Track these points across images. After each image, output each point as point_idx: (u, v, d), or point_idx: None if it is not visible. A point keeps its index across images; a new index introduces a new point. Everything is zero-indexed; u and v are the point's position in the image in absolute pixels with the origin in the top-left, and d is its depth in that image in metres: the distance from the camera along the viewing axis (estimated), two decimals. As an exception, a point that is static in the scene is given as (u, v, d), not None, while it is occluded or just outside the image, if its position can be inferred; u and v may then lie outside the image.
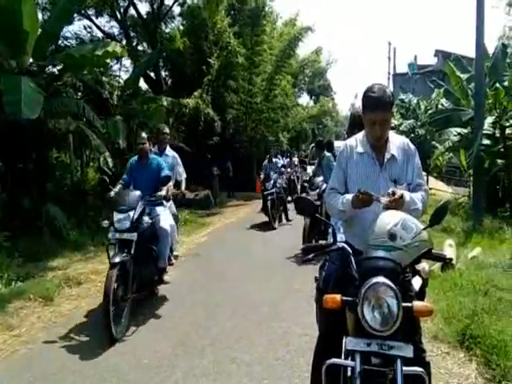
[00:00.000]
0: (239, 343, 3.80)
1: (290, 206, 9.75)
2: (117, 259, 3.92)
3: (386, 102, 2.23)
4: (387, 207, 2.11)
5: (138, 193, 4.35)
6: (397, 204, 2.10)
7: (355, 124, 2.93)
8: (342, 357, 2.09)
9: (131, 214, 4.12)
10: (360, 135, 2.44)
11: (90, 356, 3.52)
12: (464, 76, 10.61)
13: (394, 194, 2.12)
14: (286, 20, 20.13)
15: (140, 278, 4.31)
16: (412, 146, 2.42)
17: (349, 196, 2.27)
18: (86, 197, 8.41)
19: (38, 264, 5.91)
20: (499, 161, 9.63)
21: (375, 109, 2.23)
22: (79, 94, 9.55)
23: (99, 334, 3.84)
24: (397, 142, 2.38)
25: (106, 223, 4.22)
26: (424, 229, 2.00)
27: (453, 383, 3.16)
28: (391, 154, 2.33)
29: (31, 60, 7.24)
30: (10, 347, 3.69)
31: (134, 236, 4.10)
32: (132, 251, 4.08)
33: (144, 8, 18.41)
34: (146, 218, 4.48)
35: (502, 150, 9.26)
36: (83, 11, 14.54)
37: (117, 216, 4.12)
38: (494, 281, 4.69)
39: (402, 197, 2.12)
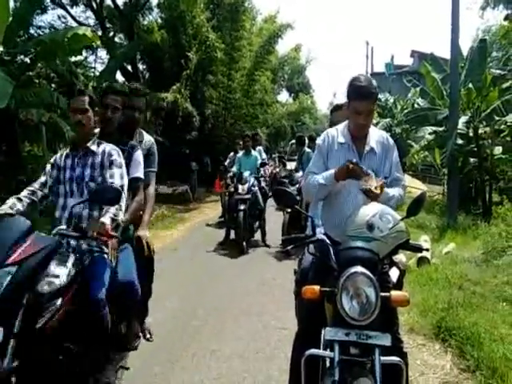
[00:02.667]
0: (219, 337, 3.78)
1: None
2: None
3: (372, 92, 2.26)
4: (366, 193, 2.12)
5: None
6: (376, 194, 2.10)
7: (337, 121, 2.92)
8: (321, 348, 2.09)
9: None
10: (341, 126, 2.45)
11: None
12: (439, 76, 10.85)
13: (369, 190, 2.11)
14: (266, 16, 20.08)
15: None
16: (391, 141, 2.45)
17: (331, 170, 2.28)
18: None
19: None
20: (472, 159, 9.90)
21: (361, 98, 2.24)
22: (53, 85, 9.27)
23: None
24: (376, 136, 2.40)
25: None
26: (401, 219, 2.02)
27: (428, 374, 3.22)
28: (370, 146, 2.35)
29: (1, 48, 6.98)
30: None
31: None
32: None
33: (121, -1, 17.99)
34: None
35: (475, 149, 9.52)
36: (58, 0, 14.16)
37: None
38: (468, 275, 4.83)
39: (382, 189, 2.13)
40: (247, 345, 3.63)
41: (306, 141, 8.01)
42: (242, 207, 6.65)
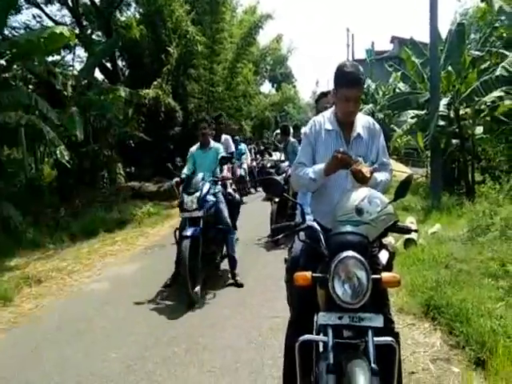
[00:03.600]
0: (211, 330, 3.78)
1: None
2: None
3: (360, 78, 2.27)
4: (355, 175, 2.13)
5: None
6: (365, 177, 2.12)
7: (323, 108, 2.92)
8: (314, 333, 2.12)
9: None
10: (328, 113, 2.45)
11: (55, 355, 3.39)
12: (419, 60, 10.95)
13: (360, 171, 2.12)
14: (246, 7, 19.98)
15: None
16: (377, 126, 2.46)
17: (320, 165, 2.28)
18: (41, 194, 8.03)
19: (-6, 265, 5.60)
20: (454, 141, 10.04)
21: (350, 85, 2.24)
22: (30, 86, 9.08)
23: (62, 331, 3.71)
24: (362, 122, 2.41)
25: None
26: (389, 202, 2.04)
27: (419, 352, 3.28)
28: (357, 132, 2.35)
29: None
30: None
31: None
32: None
33: (97, -5, 17.63)
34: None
35: (457, 130, 9.64)
36: (31, -1, 13.81)
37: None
38: (454, 253, 4.91)
39: (372, 174, 2.15)
40: (239, 336, 3.64)
41: (291, 130, 8.02)
42: (188, 232, 4.33)
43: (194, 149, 5.28)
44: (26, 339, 3.72)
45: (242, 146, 11.88)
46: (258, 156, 15.35)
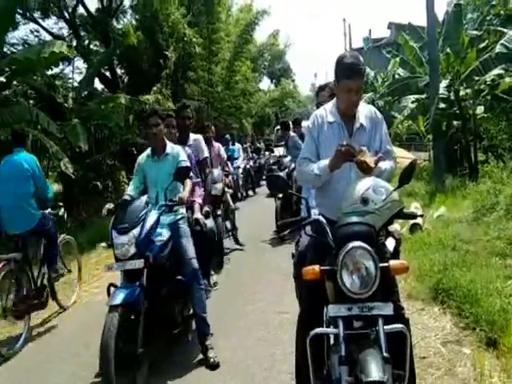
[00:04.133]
0: (219, 330, 3.72)
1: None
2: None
3: (360, 68, 2.27)
4: (359, 165, 2.12)
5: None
6: (370, 167, 2.11)
7: (325, 99, 2.93)
8: (324, 326, 2.12)
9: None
10: (329, 105, 2.45)
11: (64, 369, 3.36)
12: (417, 44, 10.89)
13: (365, 162, 2.11)
14: (242, 6, 19.97)
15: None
16: (379, 115, 2.45)
17: (325, 160, 2.27)
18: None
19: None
20: (455, 122, 9.96)
21: (351, 75, 2.24)
22: (31, 101, 9.20)
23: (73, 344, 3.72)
24: (364, 111, 2.40)
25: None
26: (394, 190, 2.05)
27: (430, 337, 3.28)
28: (360, 123, 2.35)
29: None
30: None
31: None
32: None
33: (93, 5, 17.74)
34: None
35: (458, 111, 9.56)
36: (28, 14, 13.93)
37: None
38: (460, 235, 4.89)
39: (376, 163, 2.15)
40: (249, 332, 3.65)
41: (291, 125, 8.02)
42: (116, 300, 2.70)
43: (142, 157, 3.59)
44: (38, 353, 3.74)
45: (236, 148, 10.82)
46: (254, 155, 14.02)
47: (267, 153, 12.87)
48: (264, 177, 14.19)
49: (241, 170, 11.03)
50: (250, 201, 11.27)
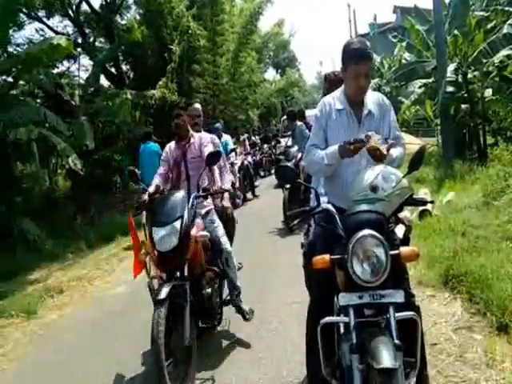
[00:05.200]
0: (231, 319, 3.78)
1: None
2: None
3: (368, 53, 2.27)
4: (371, 153, 2.11)
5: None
6: (382, 154, 2.10)
7: (332, 84, 2.92)
8: (334, 315, 2.13)
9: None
10: (337, 92, 2.43)
11: (82, 364, 3.45)
12: (424, 28, 10.71)
13: (378, 149, 2.09)
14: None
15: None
16: (387, 101, 2.44)
17: (333, 147, 2.25)
18: (57, 205, 8.23)
19: (15, 280, 5.74)
20: (463, 106, 9.81)
21: (360, 59, 2.23)
22: (38, 100, 9.27)
23: (88, 338, 3.79)
24: (372, 98, 2.39)
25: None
26: (404, 176, 2.04)
27: (440, 323, 3.28)
28: (368, 109, 2.34)
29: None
30: (-3, 367, 3.58)
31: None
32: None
33: (97, 1, 17.73)
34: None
35: (466, 95, 9.41)
36: (33, 13, 13.99)
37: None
38: (470, 220, 4.84)
39: (388, 150, 2.13)
40: (260, 323, 3.67)
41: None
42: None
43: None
44: (50, 350, 3.79)
45: (228, 139, 8.25)
46: (251, 150, 12.61)
47: (265, 146, 12.26)
48: (262, 173, 14.01)
49: (237, 168, 9.14)
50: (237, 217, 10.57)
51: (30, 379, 3.36)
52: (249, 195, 10.25)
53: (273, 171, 14.45)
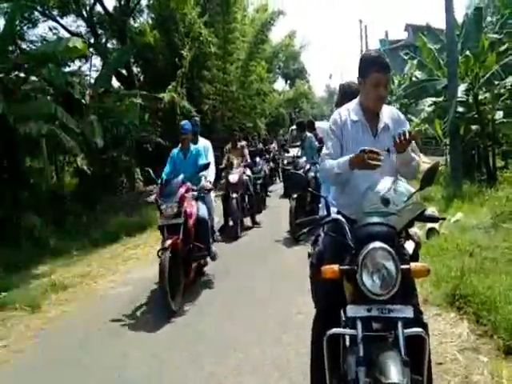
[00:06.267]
0: (235, 328, 3.80)
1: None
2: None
3: (387, 62, 2.27)
4: (396, 147, 2.11)
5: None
6: (406, 145, 2.10)
7: (348, 95, 2.93)
8: (341, 327, 2.09)
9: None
10: (352, 104, 2.42)
11: (84, 356, 3.46)
12: (436, 46, 10.76)
13: (404, 134, 2.09)
14: (258, 6, 19.98)
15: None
16: (402, 116, 2.43)
17: (346, 157, 2.24)
18: (63, 202, 8.24)
19: (21, 273, 5.75)
20: (473, 127, 9.81)
21: (381, 68, 2.24)
22: (49, 97, 9.31)
23: (91, 336, 3.79)
24: (388, 113, 2.38)
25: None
26: (416, 191, 2.02)
27: (446, 343, 3.23)
28: (384, 122, 2.32)
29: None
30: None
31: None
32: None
33: (111, 3, 17.97)
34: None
35: (476, 115, 9.43)
36: (47, 12, 14.15)
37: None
38: (478, 241, 4.81)
39: (410, 141, 2.12)
40: (264, 333, 3.65)
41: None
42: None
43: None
44: (54, 345, 3.79)
45: (200, 147, 5.44)
46: (258, 159, 10.50)
47: (258, 159, 10.16)
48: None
49: (213, 197, 5.69)
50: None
51: (30, 372, 3.33)
52: (248, 220, 8.17)
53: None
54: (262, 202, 9.80)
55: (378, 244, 1.87)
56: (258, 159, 10.12)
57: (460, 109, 8.77)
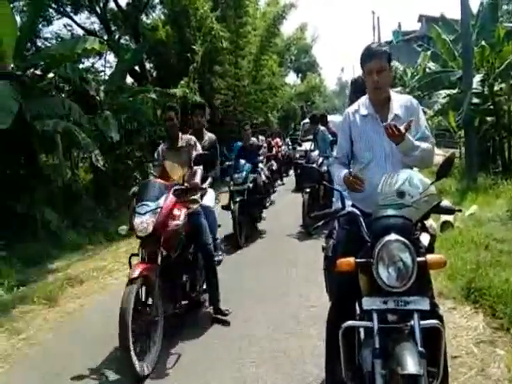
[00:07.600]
0: (249, 321, 3.82)
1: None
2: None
3: (379, 50, 2.30)
4: (389, 131, 2.12)
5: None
6: (400, 133, 2.11)
7: (358, 89, 2.94)
8: (357, 319, 2.13)
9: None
10: (363, 99, 2.45)
11: (99, 352, 3.49)
12: (450, 37, 10.59)
13: (391, 125, 2.13)
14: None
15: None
16: (415, 102, 2.43)
17: (342, 173, 2.31)
18: (78, 197, 8.35)
19: (38, 268, 5.83)
20: (489, 118, 9.66)
21: (370, 57, 2.29)
22: (63, 94, 9.43)
23: (107, 329, 3.85)
24: (400, 101, 2.39)
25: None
26: (432, 183, 2.02)
27: (462, 336, 3.22)
28: (394, 113, 2.33)
29: (12, 65, 7.14)
30: (19, 351, 3.64)
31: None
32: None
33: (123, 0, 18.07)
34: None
35: (491, 107, 9.28)
36: (62, 9, 14.32)
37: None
38: (494, 234, 4.76)
39: (404, 132, 2.13)
40: (278, 326, 3.67)
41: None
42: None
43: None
44: (72, 338, 3.86)
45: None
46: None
47: (243, 161, 6.75)
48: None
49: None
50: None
51: (49, 364, 3.40)
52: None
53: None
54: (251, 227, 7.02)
55: (393, 236, 1.87)
56: (242, 161, 6.65)
57: (475, 100, 8.63)
